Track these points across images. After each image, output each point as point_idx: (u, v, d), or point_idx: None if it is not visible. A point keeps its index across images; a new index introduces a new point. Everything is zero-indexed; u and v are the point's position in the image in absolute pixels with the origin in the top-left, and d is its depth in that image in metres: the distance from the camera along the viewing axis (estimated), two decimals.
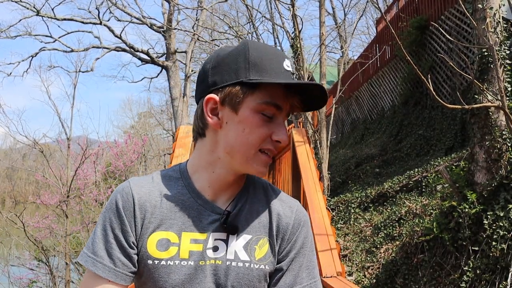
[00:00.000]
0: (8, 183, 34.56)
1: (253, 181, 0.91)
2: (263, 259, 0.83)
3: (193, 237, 0.81)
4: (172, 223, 0.81)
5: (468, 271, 3.55)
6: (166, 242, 0.80)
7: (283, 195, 0.92)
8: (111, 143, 14.40)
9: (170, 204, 0.82)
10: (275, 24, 9.71)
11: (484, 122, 3.83)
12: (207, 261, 0.80)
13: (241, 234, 0.83)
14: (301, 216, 0.89)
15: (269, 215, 0.86)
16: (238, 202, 0.85)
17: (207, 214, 0.83)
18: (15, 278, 9.51)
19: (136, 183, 0.84)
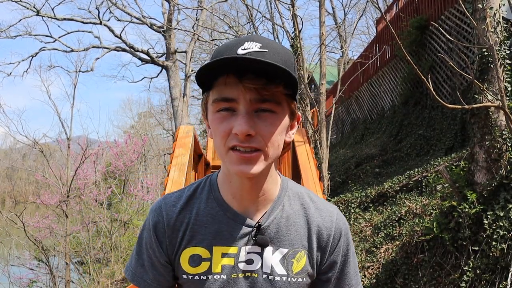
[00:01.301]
0: (8, 183, 34.56)
1: (288, 189, 0.86)
2: (301, 273, 0.82)
3: (224, 251, 0.80)
4: (203, 238, 0.80)
5: (468, 271, 3.55)
6: (198, 257, 0.80)
7: (321, 202, 0.87)
8: (111, 143, 14.40)
9: (200, 219, 0.82)
10: (275, 24, 9.72)
11: (484, 122, 3.83)
12: (239, 273, 0.80)
13: (277, 247, 0.81)
14: (341, 225, 0.86)
15: (307, 227, 0.83)
16: (271, 213, 0.82)
17: (238, 228, 0.80)
18: (15, 278, 9.52)
19: (167, 202, 0.85)
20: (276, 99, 0.71)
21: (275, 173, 0.83)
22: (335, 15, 19.21)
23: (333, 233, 0.84)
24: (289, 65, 0.72)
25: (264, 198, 0.81)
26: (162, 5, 15.66)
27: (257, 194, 0.80)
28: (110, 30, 14.96)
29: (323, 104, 6.42)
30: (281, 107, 0.73)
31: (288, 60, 0.72)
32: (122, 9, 14.56)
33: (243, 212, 0.81)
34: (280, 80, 0.69)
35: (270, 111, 0.71)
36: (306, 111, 6.86)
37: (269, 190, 0.82)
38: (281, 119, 0.73)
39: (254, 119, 0.71)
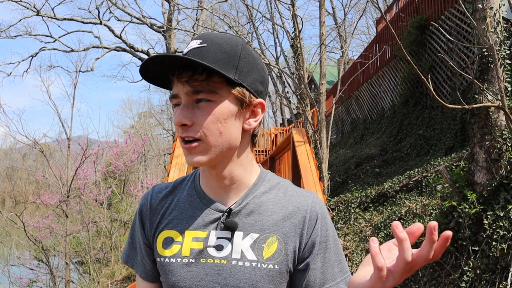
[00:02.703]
0: (8, 183, 34.58)
1: (266, 179, 0.86)
2: (272, 258, 0.79)
3: (195, 235, 0.81)
4: (178, 223, 0.84)
5: (468, 271, 3.55)
6: (170, 240, 0.83)
7: (298, 190, 0.87)
8: (111, 143, 14.40)
9: (180, 205, 0.86)
10: (275, 24, 9.72)
11: (484, 122, 3.83)
12: (208, 259, 0.80)
13: (248, 233, 0.80)
14: (317, 208, 0.84)
15: (282, 213, 0.82)
16: (244, 200, 0.83)
17: (210, 213, 0.82)
18: (15, 278, 9.52)
19: (156, 189, 0.91)
20: (209, 88, 0.74)
21: (250, 164, 0.85)
22: (335, 15, 19.20)
23: (309, 216, 0.82)
24: (228, 56, 0.76)
25: (236, 186, 0.83)
26: (162, 5, 15.67)
27: (225, 182, 0.82)
28: (110, 30, 14.96)
29: (323, 104, 6.42)
30: (218, 95, 0.75)
31: (228, 51, 0.76)
32: (122, 9, 14.56)
33: (217, 199, 0.84)
34: (202, 71, 0.73)
35: (206, 100, 0.75)
36: (306, 111, 6.86)
37: (241, 178, 0.83)
38: (217, 107, 0.75)
39: (194, 110, 0.76)
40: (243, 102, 0.78)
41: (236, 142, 0.79)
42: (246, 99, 0.78)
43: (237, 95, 0.77)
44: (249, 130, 0.81)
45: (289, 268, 0.81)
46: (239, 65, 0.76)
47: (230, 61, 0.76)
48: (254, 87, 0.79)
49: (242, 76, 0.77)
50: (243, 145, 0.82)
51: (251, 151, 0.85)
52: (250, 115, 0.80)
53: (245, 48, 0.79)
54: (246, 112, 0.80)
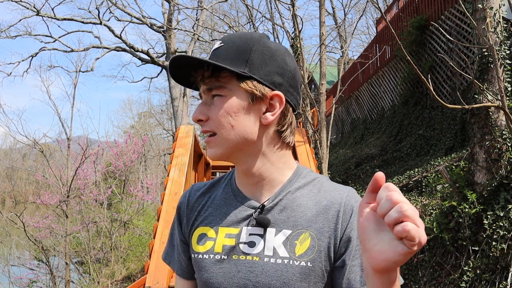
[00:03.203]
0: (8, 183, 34.57)
1: (301, 176, 0.84)
2: (304, 255, 0.77)
3: (227, 232, 0.81)
4: (212, 219, 0.84)
5: (468, 271, 3.55)
6: (205, 236, 0.84)
7: (334, 185, 0.84)
8: (111, 143, 14.40)
9: (215, 202, 0.87)
10: (275, 24, 9.71)
11: (484, 122, 3.83)
12: (240, 256, 0.79)
13: (281, 229, 0.79)
14: (352, 202, 0.79)
15: (316, 208, 0.79)
16: (277, 196, 0.81)
17: (243, 210, 0.82)
18: (15, 278, 9.51)
19: (194, 187, 0.93)
20: (219, 84, 0.77)
21: (281, 160, 0.83)
22: (335, 15, 19.21)
23: (343, 209, 0.78)
24: (238, 51, 0.77)
25: (268, 183, 0.82)
26: (162, 5, 15.67)
27: (254, 179, 0.82)
28: (110, 30, 14.97)
29: (323, 104, 6.42)
30: (227, 89, 0.77)
31: (239, 46, 0.78)
32: (122, 9, 14.56)
33: (251, 196, 0.83)
34: (208, 68, 0.76)
35: (218, 96, 0.78)
36: (306, 111, 6.86)
37: (270, 175, 0.82)
38: (228, 101, 0.77)
39: (210, 106, 0.79)
40: (253, 95, 0.77)
41: (252, 136, 0.79)
42: (256, 92, 0.77)
43: (246, 88, 0.77)
44: (268, 124, 0.79)
45: (324, 266, 0.77)
46: (249, 59, 0.77)
47: (240, 56, 0.77)
48: (269, 79, 0.78)
49: (253, 69, 0.77)
50: (266, 140, 0.80)
51: (282, 147, 0.83)
52: (267, 109, 0.79)
53: (260, 41, 0.79)
54: (261, 106, 0.78)
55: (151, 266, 3.14)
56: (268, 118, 0.78)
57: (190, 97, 20.64)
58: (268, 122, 0.79)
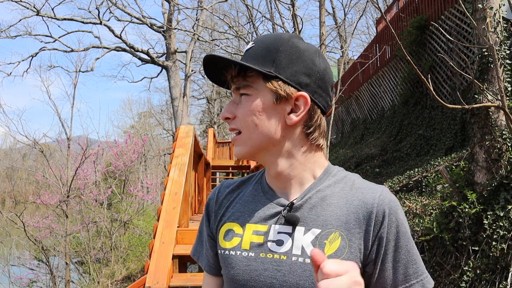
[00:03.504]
0: (8, 183, 34.57)
1: (332, 174, 0.83)
2: (334, 256, 0.74)
3: (255, 229, 0.80)
4: (240, 215, 0.84)
5: (468, 271, 3.55)
6: (232, 232, 0.83)
7: (366, 183, 0.81)
8: (111, 143, 14.40)
9: (243, 199, 0.86)
10: (275, 24, 9.71)
11: (484, 122, 3.83)
12: (268, 254, 0.78)
13: (310, 228, 0.77)
14: (385, 203, 0.77)
15: (346, 207, 0.77)
16: (307, 194, 0.80)
17: (272, 207, 0.81)
18: (15, 278, 9.52)
19: (224, 184, 0.93)
20: (245, 83, 0.78)
21: (310, 160, 0.82)
22: (335, 15, 19.21)
23: (375, 210, 0.76)
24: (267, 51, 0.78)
25: (297, 181, 0.81)
26: (162, 5, 15.67)
27: (282, 178, 0.82)
28: (110, 30, 14.96)
29: None
30: (253, 88, 0.78)
31: (267, 47, 0.79)
32: (122, 9, 14.56)
33: (280, 193, 0.83)
34: (235, 68, 0.78)
35: (245, 95, 0.79)
36: None
37: (298, 174, 0.81)
38: (253, 100, 0.78)
39: (237, 105, 0.80)
40: (278, 95, 0.77)
41: (276, 136, 0.78)
42: (280, 92, 0.76)
43: (271, 88, 0.77)
44: (293, 125, 0.78)
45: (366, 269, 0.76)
46: (277, 59, 0.77)
47: (268, 56, 0.77)
48: (295, 79, 0.77)
49: (280, 69, 0.77)
50: (292, 141, 0.79)
51: (311, 148, 0.81)
52: (292, 110, 0.78)
53: (289, 41, 0.79)
54: (286, 106, 0.78)
55: (151, 266, 3.14)
56: (292, 119, 0.78)
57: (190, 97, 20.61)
58: (292, 122, 0.78)
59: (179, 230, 3.80)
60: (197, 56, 22.95)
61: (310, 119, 0.79)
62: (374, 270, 0.76)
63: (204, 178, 8.04)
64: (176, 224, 3.63)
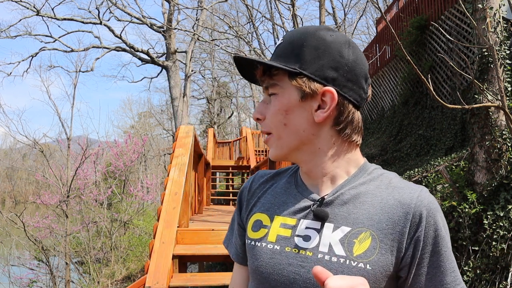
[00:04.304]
0: (8, 183, 34.57)
1: (368, 171, 0.79)
2: (363, 256, 0.70)
3: (283, 221, 0.78)
4: (270, 207, 0.82)
5: (468, 271, 3.55)
6: (259, 223, 0.82)
7: (404, 182, 0.76)
8: (111, 143, 14.40)
9: (275, 190, 0.85)
10: (275, 24, 9.72)
11: (484, 122, 3.83)
12: (294, 248, 0.75)
13: (339, 225, 0.73)
14: (424, 203, 0.72)
15: (380, 206, 0.73)
16: (339, 190, 0.76)
17: (303, 201, 0.79)
18: (15, 278, 9.52)
19: (259, 173, 0.92)
20: (272, 82, 0.77)
21: (343, 157, 0.79)
22: (335, 15, 19.19)
23: (412, 211, 0.71)
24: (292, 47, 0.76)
25: (330, 178, 0.78)
26: (162, 5, 15.66)
27: (315, 175, 0.79)
28: (110, 30, 14.96)
29: None
30: (279, 87, 0.76)
31: (293, 42, 0.77)
32: (122, 9, 14.56)
33: (313, 188, 0.80)
34: (260, 66, 0.78)
35: (273, 94, 0.77)
36: None
37: (332, 171, 0.78)
38: (280, 99, 0.77)
39: (268, 105, 0.79)
40: (303, 92, 0.74)
41: (305, 135, 0.76)
42: (305, 89, 0.74)
43: (296, 85, 0.74)
44: (322, 122, 0.75)
45: (385, 271, 0.70)
46: (301, 54, 0.74)
47: (293, 52, 0.75)
48: (320, 74, 0.74)
49: (305, 64, 0.74)
50: (323, 138, 0.76)
51: (344, 145, 0.78)
52: (319, 106, 0.75)
53: (315, 34, 0.75)
54: (313, 103, 0.75)
55: (151, 266, 3.14)
56: (320, 116, 0.75)
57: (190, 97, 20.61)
58: (320, 119, 0.75)
59: (179, 230, 3.80)
60: (197, 56, 22.95)
61: (340, 115, 0.75)
62: (408, 275, 0.72)
63: (204, 178, 8.04)
64: (176, 224, 3.63)
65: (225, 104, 27.93)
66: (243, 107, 27.70)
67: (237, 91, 27.37)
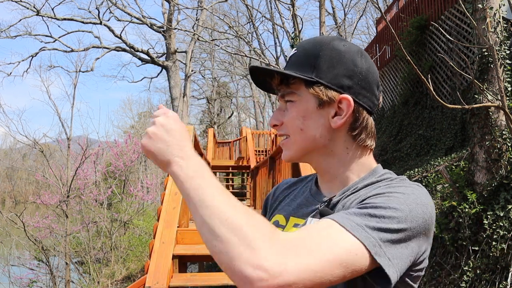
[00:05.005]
0: (8, 183, 34.56)
1: (376, 175, 0.82)
2: None
3: (296, 222, 0.85)
4: (287, 209, 0.89)
5: (468, 271, 3.55)
6: (277, 223, 0.88)
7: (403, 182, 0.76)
8: (111, 143, 14.40)
9: (295, 194, 0.92)
10: (275, 24, 9.73)
11: (484, 122, 3.83)
12: None
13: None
14: (388, 175, 0.78)
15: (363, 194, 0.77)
16: (345, 192, 0.81)
17: (314, 203, 0.85)
18: (16, 278, 9.52)
19: (284, 181, 1.00)
20: (289, 90, 0.81)
21: (356, 162, 0.82)
22: (335, 15, 19.20)
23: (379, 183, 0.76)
24: (307, 57, 0.80)
25: (341, 181, 0.83)
26: (162, 5, 15.67)
27: (327, 177, 0.84)
28: (110, 30, 14.97)
29: None
30: (297, 95, 0.80)
31: (308, 52, 0.81)
32: (122, 9, 14.56)
33: (325, 192, 0.85)
34: (275, 75, 0.81)
35: (290, 101, 0.82)
36: None
37: (343, 174, 0.82)
38: (297, 106, 0.81)
39: (284, 112, 0.83)
40: (320, 100, 0.79)
41: (322, 140, 0.80)
42: (323, 97, 0.78)
43: (313, 94, 0.79)
44: (338, 128, 0.79)
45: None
46: (317, 64, 0.79)
47: (309, 61, 0.79)
48: (336, 83, 0.78)
49: (321, 73, 0.78)
50: (338, 143, 0.81)
51: (358, 150, 0.82)
52: (336, 113, 0.79)
53: (330, 44, 0.80)
54: (330, 110, 0.79)
55: (151, 266, 3.14)
56: (337, 122, 0.79)
57: (190, 97, 20.61)
58: (337, 126, 0.79)
59: (179, 230, 3.79)
60: (197, 56, 22.95)
61: (355, 121, 0.80)
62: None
63: None
64: (176, 224, 3.63)
65: (225, 104, 27.94)
66: (243, 107, 27.70)
67: (237, 91, 27.39)
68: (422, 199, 0.72)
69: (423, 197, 0.72)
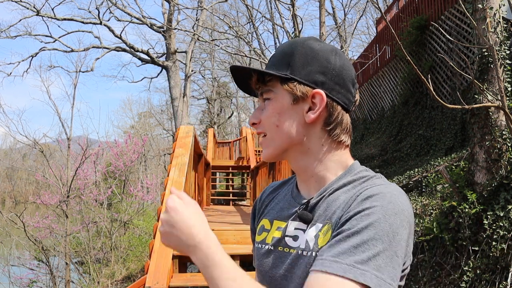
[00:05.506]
0: (8, 183, 34.58)
1: (353, 173, 0.82)
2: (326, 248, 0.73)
3: (279, 225, 0.87)
4: (272, 213, 0.92)
5: (468, 271, 3.55)
6: (262, 228, 0.91)
7: (379, 181, 0.78)
8: (111, 143, 14.40)
9: (279, 198, 0.94)
10: (275, 24, 9.72)
11: (484, 122, 3.83)
12: (285, 248, 0.82)
13: (315, 223, 0.79)
14: (374, 190, 0.73)
15: (345, 200, 0.76)
16: (322, 194, 0.81)
17: (294, 205, 0.86)
18: (16, 278, 9.52)
19: (270, 184, 1.01)
20: (266, 88, 0.83)
21: (330, 159, 0.83)
22: (335, 15, 19.19)
23: (362, 193, 0.74)
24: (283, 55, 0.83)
25: (317, 180, 0.84)
26: (162, 5, 15.66)
27: (304, 176, 0.86)
28: (110, 30, 14.96)
29: None
30: (273, 92, 0.83)
31: (284, 51, 0.84)
32: (122, 9, 14.56)
33: (304, 193, 0.87)
34: (254, 74, 0.84)
35: (267, 99, 0.84)
36: None
37: (319, 173, 0.83)
38: (273, 103, 0.83)
39: (262, 110, 0.85)
40: (295, 95, 0.81)
41: (296, 135, 0.81)
42: (296, 92, 0.80)
43: (288, 90, 0.81)
44: (312, 123, 0.80)
45: None
46: (291, 61, 0.81)
47: (284, 60, 0.82)
48: (310, 79, 0.80)
49: (295, 70, 0.81)
50: (313, 139, 0.82)
51: (333, 146, 0.83)
52: (310, 108, 0.81)
53: (305, 44, 0.83)
54: (304, 105, 0.81)
55: (151, 266, 3.14)
56: (310, 116, 0.80)
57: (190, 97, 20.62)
58: (310, 120, 0.80)
59: None
60: (197, 56, 22.95)
61: (330, 116, 0.81)
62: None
63: (204, 178, 8.05)
64: None
65: (225, 104, 27.93)
66: (243, 107, 27.69)
67: (237, 91, 27.34)
68: (399, 205, 0.71)
69: (400, 203, 0.72)
